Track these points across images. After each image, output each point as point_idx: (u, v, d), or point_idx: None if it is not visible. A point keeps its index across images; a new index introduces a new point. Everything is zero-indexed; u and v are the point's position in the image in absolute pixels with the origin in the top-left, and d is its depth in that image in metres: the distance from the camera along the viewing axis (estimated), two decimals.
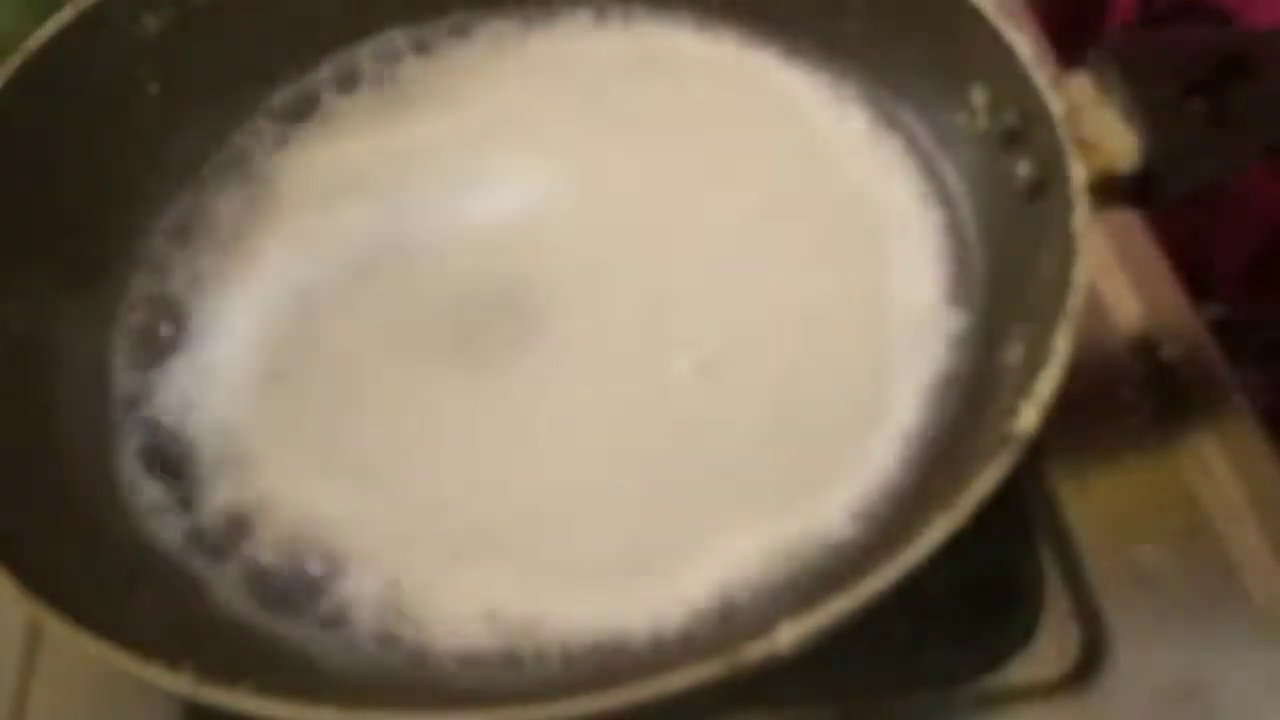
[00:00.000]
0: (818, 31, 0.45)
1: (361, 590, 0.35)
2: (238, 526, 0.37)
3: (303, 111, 0.46)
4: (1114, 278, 0.46)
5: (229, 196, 0.44)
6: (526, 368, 0.40)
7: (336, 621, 0.35)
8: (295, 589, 0.35)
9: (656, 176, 0.44)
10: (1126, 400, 0.44)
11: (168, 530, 0.37)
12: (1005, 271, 0.39)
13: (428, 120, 0.46)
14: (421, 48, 0.47)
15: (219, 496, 0.37)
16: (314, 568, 0.36)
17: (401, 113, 0.46)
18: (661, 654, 0.33)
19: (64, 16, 0.41)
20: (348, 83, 0.47)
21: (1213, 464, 0.42)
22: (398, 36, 0.47)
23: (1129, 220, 0.47)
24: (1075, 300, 0.32)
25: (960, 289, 0.40)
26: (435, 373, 0.40)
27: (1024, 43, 0.38)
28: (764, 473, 0.37)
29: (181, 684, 0.29)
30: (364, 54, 0.47)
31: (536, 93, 0.46)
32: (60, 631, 0.30)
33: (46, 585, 0.31)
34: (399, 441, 0.38)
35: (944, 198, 0.42)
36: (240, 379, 0.40)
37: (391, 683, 0.34)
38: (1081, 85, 0.39)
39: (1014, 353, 0.35)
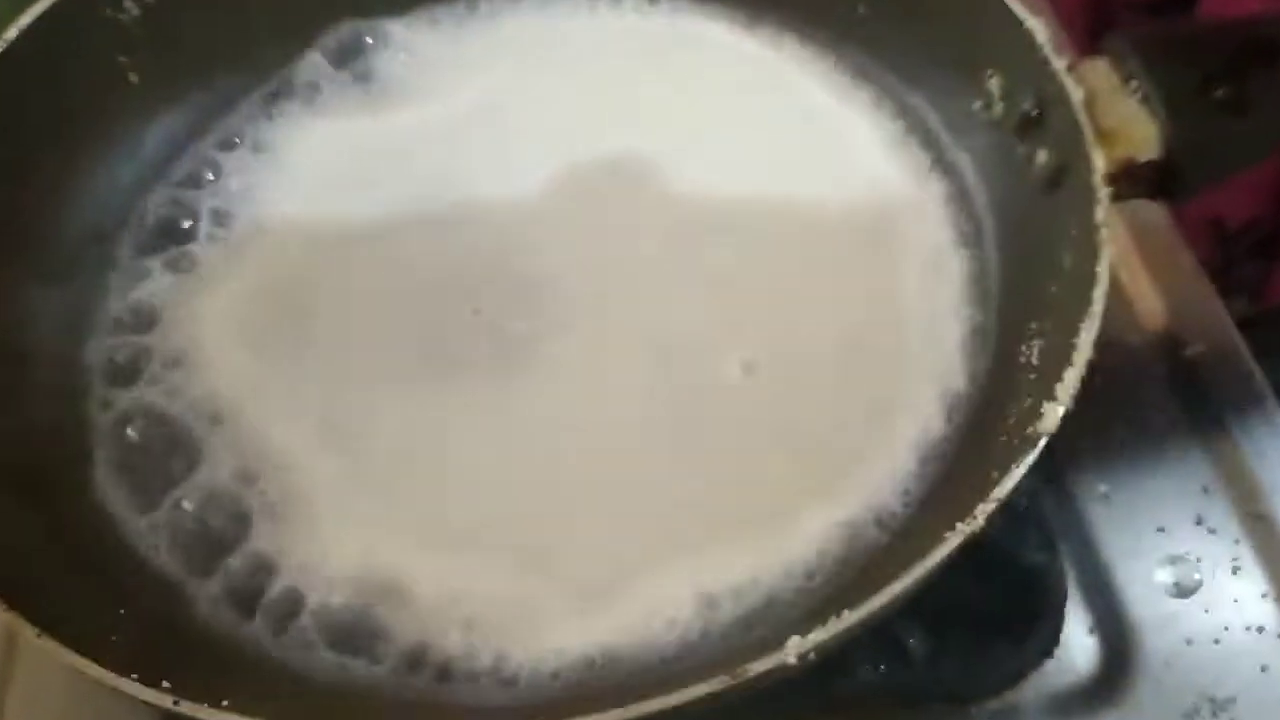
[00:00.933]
0: (828, 17, 0.44)
1: (347, 601, 0.34)
2: (220, 536, 0.35)
3: (287, 101, 0.45)
4: (1137, 272, 0.45)
5: (210, 188, 0.43)
6: (537, 365, 0.38)
7: (320, 634, 0.33)
8: (277, 601, 0.34)
9: (661, 169, 0.42)
10: (1150, 399, 0.42)
11: (147, 537, 0.35)
12: (1024, 266, 0.37)
13: (418, 106, 0.44)
14: (408, 34, 0.46)
15: (201, 502, 0.36)
16: (296, 578, 0.34)
17: (390, 99, 0.45)
18: (672, 663, 0.32)
19: (43, 5, 0.40)
20: (332, 70, 0.45)
21: (1240, 464, 0.41)
22: (383, 22, 0.46)
23: (1151, 212, 0.46)
24: (1098, 295, 0.31)
25: (977, 284, 0.39)
26: (439, 369, 0.38)
27: (1040, 27, 0.37)
28: (780, 478, 0.35)
29: (161, 699, 0.28)
30: (350, 40, 0.46)
31: (533, 77, 0.45)
32: (35, 642, 0.29)
33: (22, 593, 0.30)
34: (397, 439, 0.37)
35: (959, 189, 0.41)
36: (224, 377, 0.38)
37: (375, 695, 0.32)
38: (1100, 72, 0.37)
39: (1034, 350, 0.34)
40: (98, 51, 0.42)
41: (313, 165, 0.43)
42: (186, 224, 0.42)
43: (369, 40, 0.46)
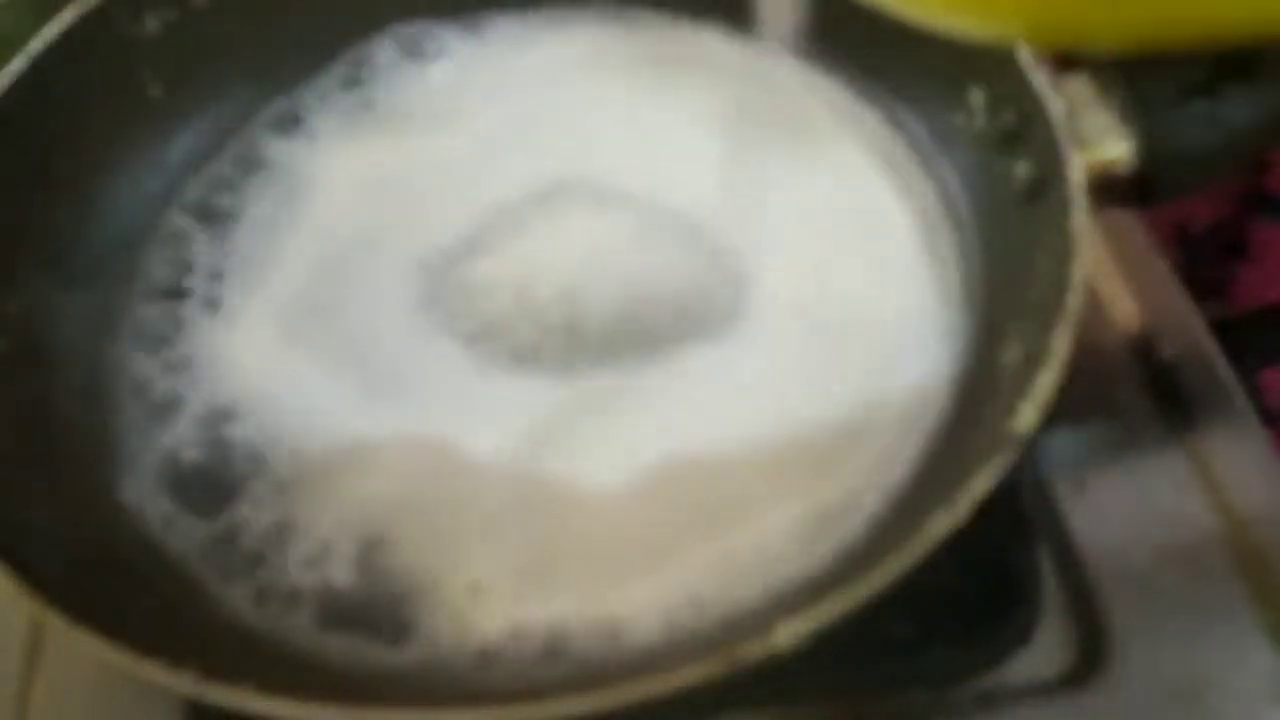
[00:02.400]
0: (814, 29, 0.44)
1: (363, 584, 0.35)
2: (244, 522, 0.37)
3: (308, 114, 0.46)
4: (1112, 277, 0.46)
5: (232, 200, 0.44)
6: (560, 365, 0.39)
7: (345, 618, 0.35)
8: (303, 587, 0.35)
9: (654, 176, 0.44)
10: (1125, 400, 0.43)
11: (169, 529, 0.37)
12: (1003, 272, 0.39)
13: (437, 123, 0.45)
14: (426, 48, 0.47)
15: (225, 493, 0.37)
16: (323, 565, 0.36)
17: (413, 113, 0.46)
18: (660, 651, 0.33)
19: (66, 18, 0.41)
20: (353, 85, 0.46)
21: (1212, 463, 0.42)
22: (403, 36, 0.47)
23: (1127, 220, 0.47)
24: (1074, 300, 0.32)
25: (958, 289, 0.40)
26: (470, 362, 0.39)
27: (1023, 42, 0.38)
28: (762, 475, 0.37)
29: (184, 683, 0.29)
30: (371, 53, 0.47)
31: (543, 92, 0.46)
32: (63, 631, 0.30)
33: (49, 584, 0.31)
34: (412, 435, 0.38)
35: (942, 198, 0.42)
36: (252, 378, 0.39)
37: (394, 680, 0.34)
38: (1079, 86, 0.39)
39: (1012, 353, 0.35)
40: (119, 65, 0.43)
41: (334, 177, 0.44)
42: (211, 233, 0.43)
43: (390, 55, 0.47)
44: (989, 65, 0.39)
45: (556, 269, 0.41)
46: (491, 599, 0.35)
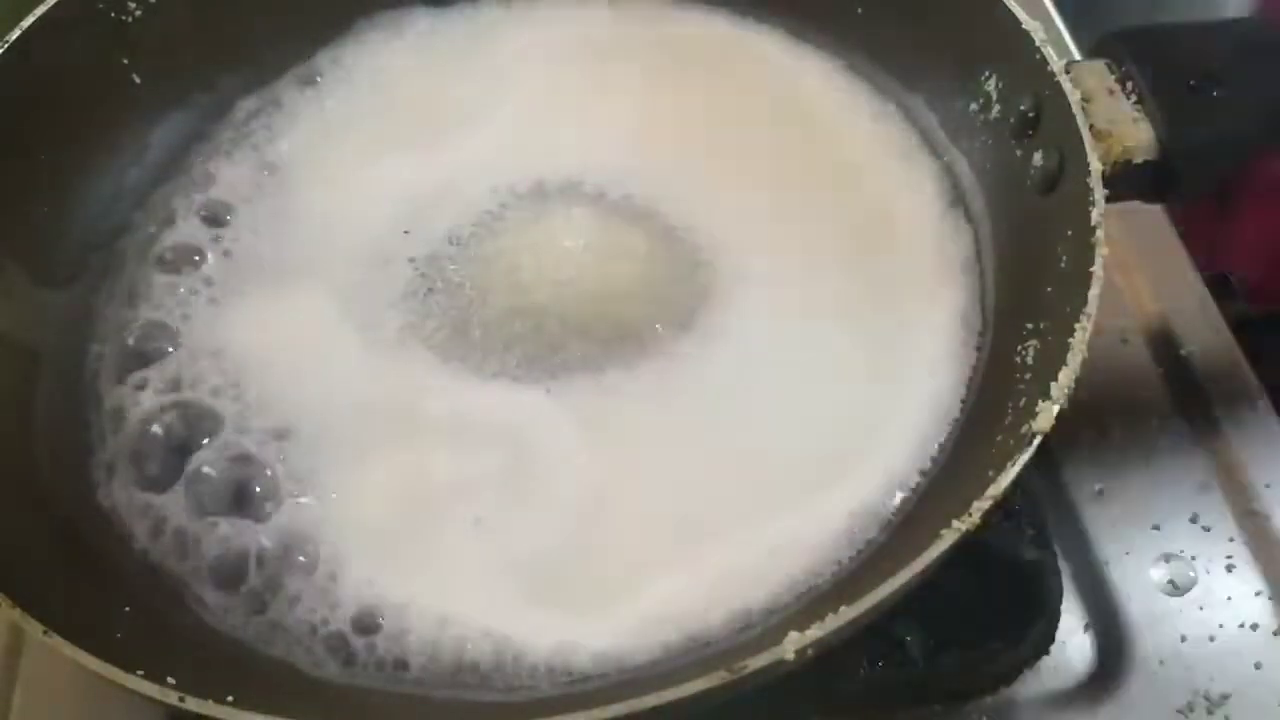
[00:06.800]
0: (827, 18, 0.44)
1: (352, 602, 0.34)
2: (227, 534, 0.35)
3: (291, 105, 0.44)
4: (1132, 272, 0.46)
5: (215, 190, 0.42)
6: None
7: (322, 630, 0.33)
8: (284, 599, 0.34)
9: (660, 168, 0.42)
10: (1146, 399, 0.42)
11: (149, 535, 0.35)
12: (1020, 267, 0.37)
13: (424, 115, 0.44)
14: (411, 36, 0.46)
15: (205, 502, 0.36)
16: (301, 575, 0.34)
17: (395, 106, 0.44)
18: (662, 663, 0.32)
19: (45, 6, 0.40)
20: (337, 71, 0.45)
21: (1235, 464, 0.41)
22: (389, 23, 0.46)
23: (1147, 213, 0.46)
24: (1094, 296, 0.31)
25: (974, 286, 0.39)
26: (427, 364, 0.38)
27: (1038, 28, 0.37)
28: (779, 480, 0.35)
29: (166, 695, 0.28)
30: (353, 41, 0.46)
31: (538, 73, 0.45)
32: (41, 640, 0.29)
33: (23, 590, 0.30)
34: (393, 438, 0.37)
35: (957, 191, 0.41)
36: (232, 383, 0.38)
37: (384, 694, 0.32)
38: (1096, 73, 0.38)
39: (1029, 350, 0.34)
40: (100, 52, 0.42)
41: (315, 166, 0.43)
42: (191, 227, 0.41)
43: (372, 41, 0.46)
44: (1004, 51, 0.38)
45: (548, 270, 0.40)
46: (485, 614, 0.33)
